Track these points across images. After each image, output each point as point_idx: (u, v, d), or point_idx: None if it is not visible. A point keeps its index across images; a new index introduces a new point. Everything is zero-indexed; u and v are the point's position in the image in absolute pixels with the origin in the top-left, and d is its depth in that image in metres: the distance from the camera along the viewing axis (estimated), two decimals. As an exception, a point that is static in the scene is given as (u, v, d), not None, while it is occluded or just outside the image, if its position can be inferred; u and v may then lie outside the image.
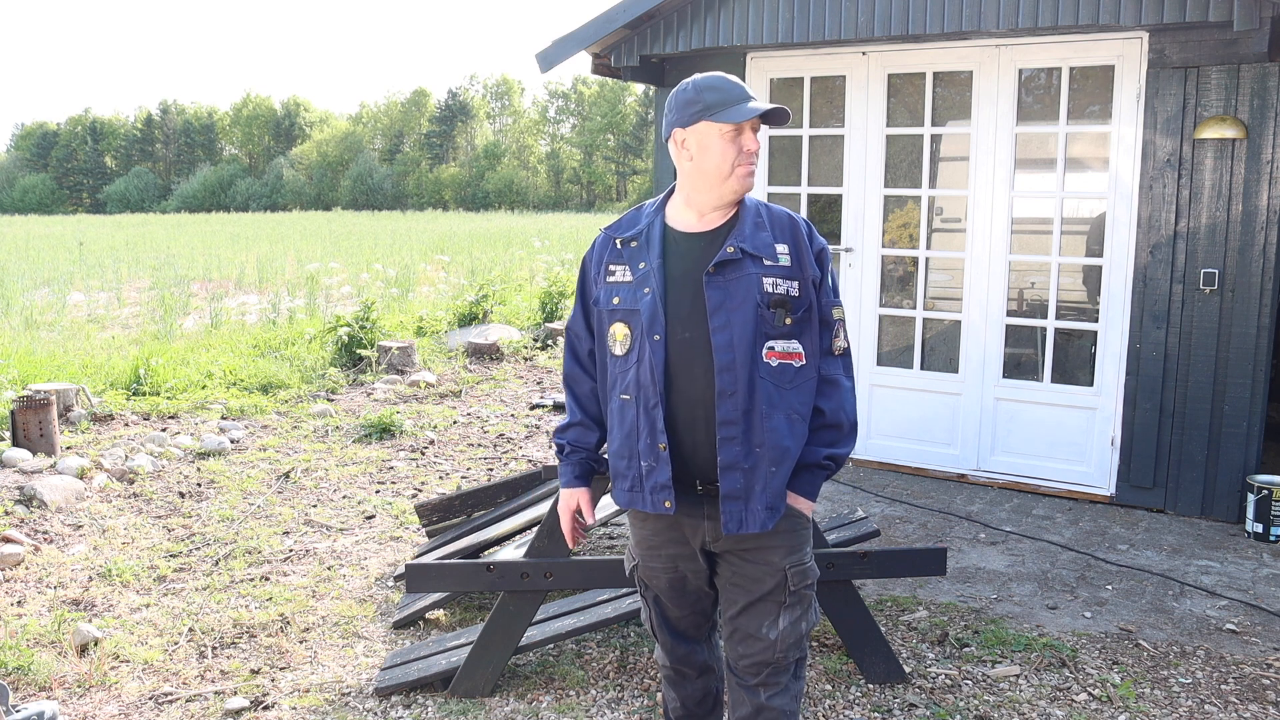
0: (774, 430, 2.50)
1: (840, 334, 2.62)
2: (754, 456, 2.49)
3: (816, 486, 2.61)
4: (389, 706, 3.58)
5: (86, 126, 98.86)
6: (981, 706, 3.54)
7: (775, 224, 2.60)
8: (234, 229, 37.27)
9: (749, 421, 2.49)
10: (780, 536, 2.57)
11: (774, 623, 2.60)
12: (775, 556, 2.58)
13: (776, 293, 2.51)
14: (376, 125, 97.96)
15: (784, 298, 2.52)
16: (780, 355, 2.52)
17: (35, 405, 6.43)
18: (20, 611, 4.37)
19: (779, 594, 2.59)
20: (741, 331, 2.48)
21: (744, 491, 2.49)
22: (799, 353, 2.54)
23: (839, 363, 2.61)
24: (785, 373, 2.53)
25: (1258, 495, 5.16)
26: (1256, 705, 3.56)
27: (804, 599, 2.62)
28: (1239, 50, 5.15)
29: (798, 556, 2.60)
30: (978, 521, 5.49)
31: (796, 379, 2.54)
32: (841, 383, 2.61)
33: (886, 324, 6.43)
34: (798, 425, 2.55)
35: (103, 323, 12.65)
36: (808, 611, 2.64)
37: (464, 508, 5.01)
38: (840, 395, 2.60)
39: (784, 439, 2.52)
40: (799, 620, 2.61)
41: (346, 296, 14.64)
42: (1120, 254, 5.61)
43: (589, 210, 70.04)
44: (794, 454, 2.55)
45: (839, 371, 2.61)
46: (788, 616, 2.60)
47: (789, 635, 2.60)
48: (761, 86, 6.47)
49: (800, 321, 2.54)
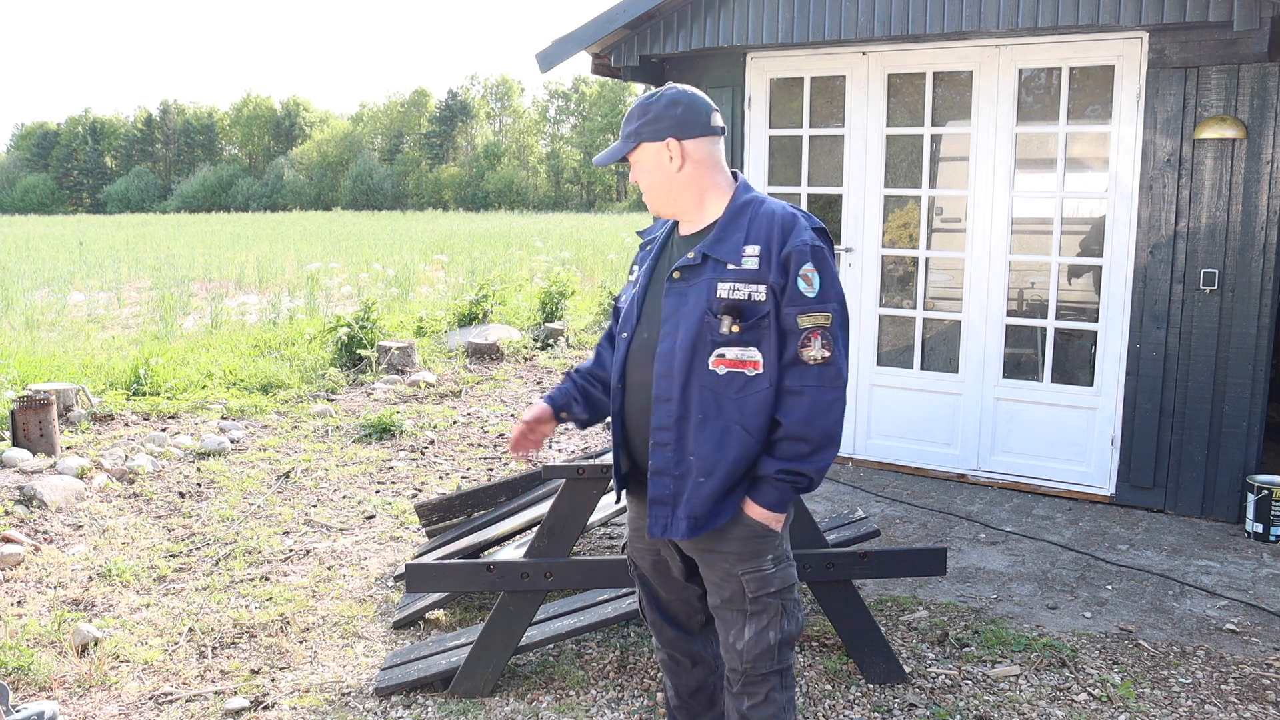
0: (706, 440, 2.47)
1: (812, 343, 2.43)
2: (685, 464, 2.49)
3: (776, 498, 2.49)
4: (389, 706, 3.58)
5: (87, 126, 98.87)
6: (981, 706, 3.54)
7: (757, 223, 2.51)
8: (234, 229, 37.27)
9: (681, 429, 2.49)
10: (736, 543, 2.54)
11: (740, 632, 2.59)
12: (729, 563, 2.56)
13: (731, 298, 2.45)
14: (376, 125, 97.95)
15: (737, 303, 2.44)
16: (731, 363, 2.46)
17: (35, 405, 6.43)
18: (20, 611, 4.37)
19: (740, 601, 2.58)
20: (684, 338, 2.48)
21: (671, 498, 2.52)
22: (755, 361, 2.45)
23: (811, 373, 2.43)
24: (734, 381, 2.46)
25: (1258, 495, 5.16)
26: (1256, 705, 3.56)
27: (769, 608, 2.56)
28: (1239, 50, 5.15)
29: (754, 564, 2.54)
30: (978, 521, 5.49)
31: (748, 388, 2.45)
32: (811, 394, 2.43)
33: (886, 324, 6.43)
34: (736, 436, 2.46)
35: (103, 323, 12.65)
36: (776, 621, 2.57)
37: (464, 508, 5.01)
38: (805, 407, 2.43)
39: (715, 450, 2.46)
40: (765, 630, 2.56)
41: (346, 296, 14.65)
42: (1120, 254, 5.61)
43: (589, 210, 70.07)
44: (728, 466, 2.47)
45: (809, 383, 2.43)
46: (753, 626, 2.57)
47: (755, 645, 2.56)
48: (761, 86, 6.48)
49: (753, 328, 2.44)
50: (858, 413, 6.49)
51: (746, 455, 2.48)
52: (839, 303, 2.48)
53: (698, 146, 2.57)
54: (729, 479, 2.48)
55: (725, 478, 2.48)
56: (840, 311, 2.48)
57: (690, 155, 2.57)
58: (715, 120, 2.62)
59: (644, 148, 2.59)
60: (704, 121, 2.58)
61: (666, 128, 2.56)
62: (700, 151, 2.58)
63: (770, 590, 2.56)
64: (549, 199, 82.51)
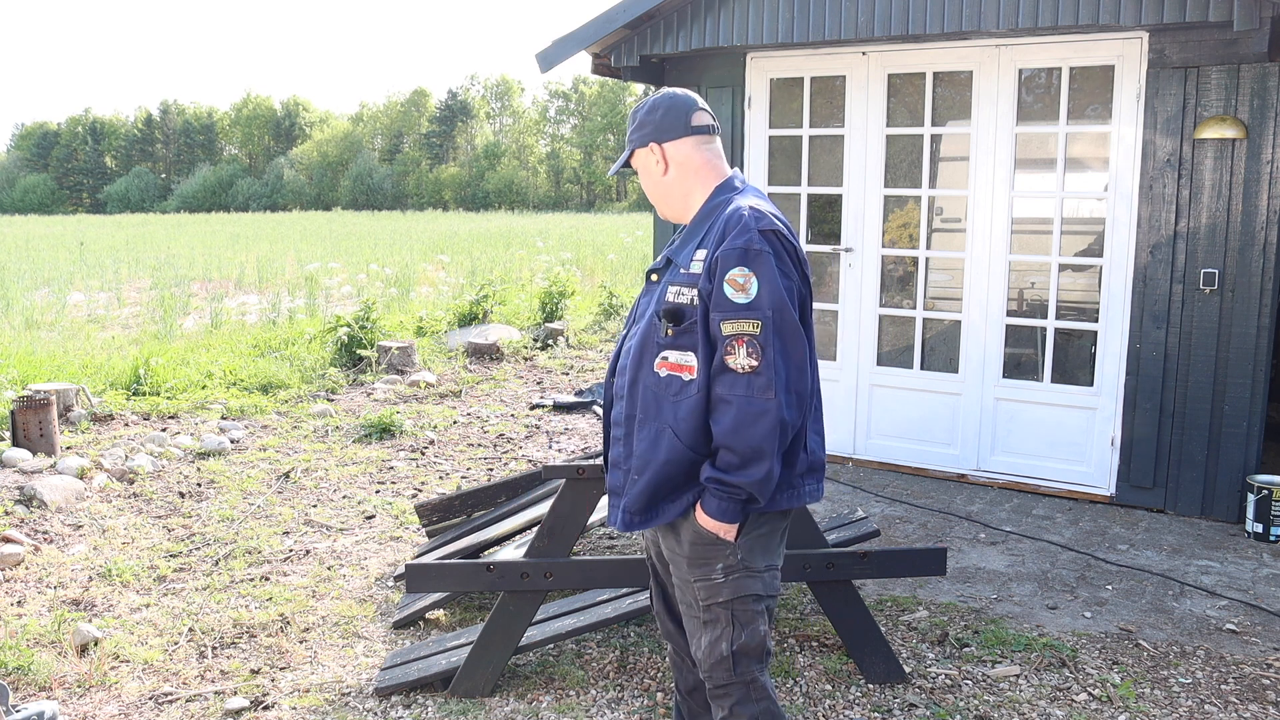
0: (643, 439, 2.52)
1: (736, 350, 2.36)
2: (630, 460, 2.56)
3: (714, 508, 2.44)
4: (389, 706, 3.58)
5: (87, 126, 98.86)
6: (981, 706, 3.54)
7: (713, 228, 2.52)
8: (234, 229, 37.27)
9: (629, 426, 2.56)
10: (687, 547, 2.55)
11: (698, 640, 2.60)
12: (683, 568, 2.58)
13: (675, 301, 2.48)
14: (376, 125, 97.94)
15: (678, 307, 2.47)
16: (671, 366, 2.48)
17: (35, 405, 6.43)
18: (20, 611, 4.37)
19: (695, 609, 2.59)
20: (639, 339, 2.56)
21: (620, 489, 2.60)
22: (690, 365, 2.45)
23: (739, 382, 2.36)
24: (672, 384, 2.48)
25: (1258, 495, 5.16)
26: (1256, 705, 3.56)
27: (720, 618, 2.54)
28: (1239, 50, 5.15)
29: (703, 571, 2.53)
30: (978, 521, 5.49)
31: (683, 393, 2.46)
32: (738, 404, 2.36)
33: (886, 324, 6.43)
34: (666, 439, 2.47)
35: (103, 323, 12.65)
36: (730, 632, 2.52)
37: (464, 508, 5.01)
38: (730, 417, 2.37)
39: (648, 449, 2.50)
40: (718, 640, 2.53)
41: (346, 296, 14.65)
42: (1120, 254, 5.61)
43: (589, 210, 70.08)
44: (658, 468, 2.49)
45: (735, 392, 2.37)
46: (707, 634, 2.56)
47: (709, 654, 2.55)
48: (761, 86, 6.48)
49: (685, 333, 2.46)
50: (858, 413, 6.49)
51: (676, 459, 2.48)
52: (776, 310, 2.37)
53: (678, 149, 2.60)
54: (658, 480, 2.50)
55: (654, 478, 2.51)
56: (777, 319, 2.37)
57: (673, 158, 2.60)
58: (697, 120, 2.61)
59: (637, 155, 2.66)
60: (684, 123, 2.59)
61: (649, 133, 2.61)
62: (682, 153, 2.60)
63: (719, 600, 2.53)
64: (549, 199, 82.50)
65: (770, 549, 2.59)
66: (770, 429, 2.35)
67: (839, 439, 6.55)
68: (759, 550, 2.55)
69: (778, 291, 2.39)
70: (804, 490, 2.57)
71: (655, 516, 2.54)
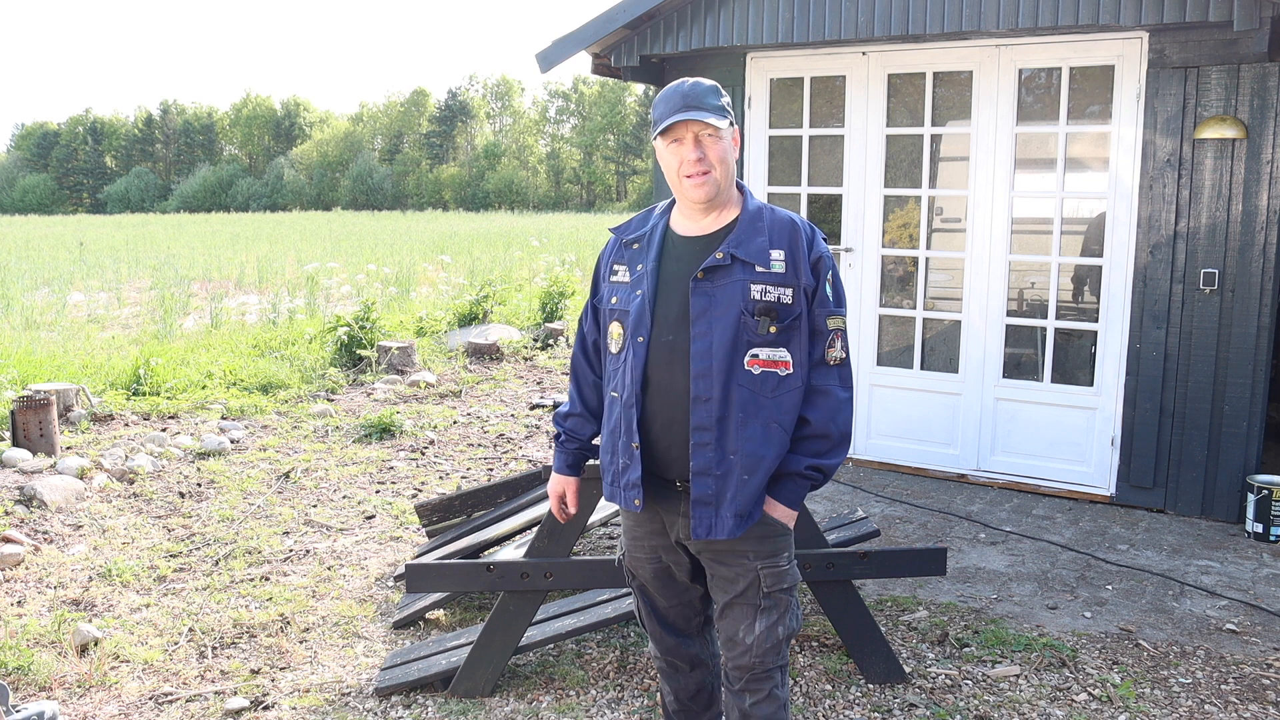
0: (749, 438, 2.49)
1: (836, 344, 2.56)
2: (727, 463, 2.50)
3: (798, 496, 2.57)
4: (389, 706, 3.58)
5: (87, 126, 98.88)
6: (981, 706, 3.54)
7: (775, 228, 2.55)
8: (234, 229, 37.27)
9: (723, 428, 2.50)
10: (753, 541, 2.56)
11: (750, 626, 2.60)
12: (748, 559, 2.59)
13: (764, 300, 2.49)
14: (376, 125, 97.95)
15: (771, 305, 2.49)
16: (764, 363, 2.50)
17: (35, 405, 6.43)
18: (20, 611, 4.37)
19: (753, 596, 2.59)
20: (721, 338, 2.49)
21: (715, 497, 2.52)
22: (786, 361, 2.51)
23: (834, 373, 2.56)
24: (768, 381, 2.51)
25: (1258, 495, 5.16)
26: (1256, 705, 3.56)
27: (780, 603, 2.61)
28: (1239, 50, 5.15)
29: (772, 561, 2.59)
30: (978, 521, 5.49)
31: (781, 388, 2.51)
32: (834, 393, 2.55)
33: (886, 324, 6.43)
34: (775, 434, 2.52)
35: (103, 323, 12.65)
36: (785, 616, 2.62)
37: (464, 508, 5.01)
38: (830, 406, 2.54)
39: (759, 447, 2.50)
40: (775, 625, 2.60)
41: (346, 296, 14.65)
42: (1120, 254, 5.61)
43: (589, 210, 70.06)
44: (770, 462, 2.52)
45: (832, 382, 2.55)
46: (764, 620, 2.59)
47: (765, 640, 2.59)
48: (761, 86, 6.48)
49: (787, 330, 2.50)
50: (858, 413, 6.49)
51: (783, 453, 2.55)
52: (846, 305, 2.64)
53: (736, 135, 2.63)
54: (768, 475, 2.54)
55: (768, 474, 2.53)
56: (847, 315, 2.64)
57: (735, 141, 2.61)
58: None
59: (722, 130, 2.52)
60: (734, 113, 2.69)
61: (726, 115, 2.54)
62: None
63: (784, 586, 2.61)
64: (549, 199, 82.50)
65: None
66: (851, 414, 2.60)
67: (839, 439, 6.54)
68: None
69: (843, 288, 2.64)
70: None
71: (758, 514, 2.56)
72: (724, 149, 2.52)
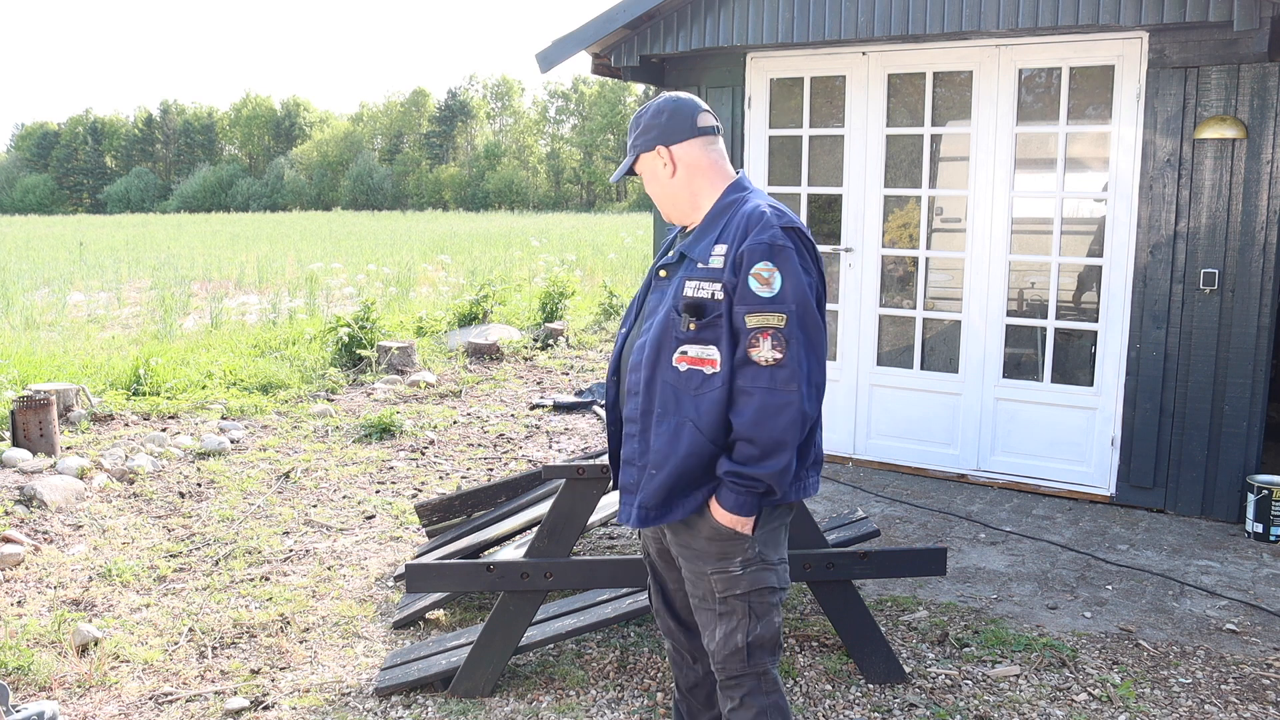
0: (660, 434, 2.52)
1: (760, 343, 2.40)
2: (646, 456, 2.56)
3: (732, 502, 2.46)
4: (389, 706, 3.58)
5: (87, 126, 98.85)
6: (981, 706, 3.54)
7: (731, 224, 2.54)
8: (234, 229, 37.28)
9: (646, 422, 2.56)
10: (703, 542, 2.56)
11: (712, 632, 2.61)
12: (700, 561, 2.59)
13: (695, 296, 2.49)
14: (376, 125, 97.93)
15: (696, 301, 2.48)
16: (692, 360, 2.49)
17: (35, 405, 6.43)
18: (20, 611, 4.37)
19: (710, 601, 2.60)
20: (654, 334, 2.55)
21: (634, 486, 2.60)
22: (713, 359, 2.46)
23: (763, 374, 2.40)
24: (693, 378, 2.49)
25: (1258, 495, 5.16)
26: (1256, 705, 3.56)
27: (736, 610, 2.56)
28: (1239, 50, 5.15)
29: (721, 565, 2.55)
30: (978, 521, 5.49)
31: (705, 386, 2.47)
32: (759, 396, 2.40)
33: (886, 324, 6.43)
34: (686, 433, 2.48)
35: (103, 323, 12.65)
36: (746, 623, 2.55)
37: (464, 508, 5.01)
38: (752, 409, 2.40)
39: (666, 444, 2.51)
40: (734, 632, 2.56)
41: (347, 296, 14.65)
42: (1120, 254, 5.61)
43: (589, 210, 70.09)
44: (678, 461, 2.49)
45: (759, 384, 2.40)
46: (723, 626, 2.58)
47: (724, 646, 2.58)
48: (761, 86, 6.48)
49: (709, 326, 2.47)
50: (858, 413, 6.49)
51: (697, 453, 2.49)
52: (799, 304, 2.42)
53: (686, 150, 2.62)
54: (677, 474, 2.51)
55: (673, 472, 2.51)
56: (800, 313, 2.42)
57: (681, 160, 2.63)
58: (703, 121, 2.64)
59: (642, 159, 2.68)
60: (690, 125, 2.62)
61: (655, 136, 2.63)
62: (690, 155, 2.62)
63: (737, 592, 2.56)
64: (549, 199, 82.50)
65: (782, 542, 2.64)
66: (792, 421, 2.40)
67: (839, 439, 6.55)
68: (772, 543, 2.60)
69: (800, 286, 2.44)
70: (809, 483, 2.63)
71: (670, 512, 2.55)
72: (657, 183, 2.67)
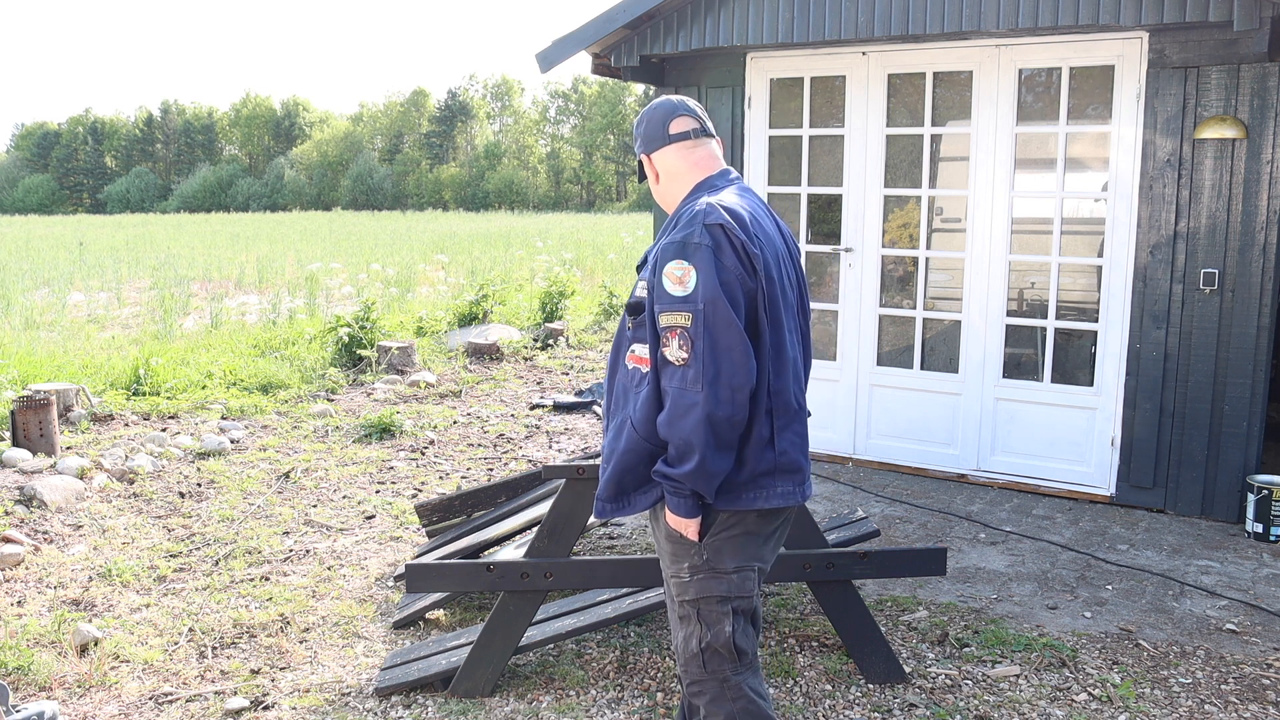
0: (609, 431, 2.60)
1: (670, 342, 2.37)
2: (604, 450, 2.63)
3: (673, 504, 2.45)
4: (389, 706, 3.58)
5: (87, 126, 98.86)
6: (981, 706, 3.54)
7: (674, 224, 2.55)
8: (234, 229, 37.28)
9: (608, 419, 2.65)
10: (665, 542, 2.60)
11: (675, 634, 2.64)
12: (664, 560, 2.63)
13: (638, 296, 2.54)
14: (376, 125, 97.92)
15: (639, 301, 2.53)
16: (635, 359, 2.54)
17: (35, 405, 6.43)
18: (20, 611, 4.37)
19: (672, 602, 2.64)
20: (616, 335, 2.64)
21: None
22: (646, 359, 2.49)
23: (676, 374, 2.36)
24: (634, 377, 2.53)
25: (1258, 495, 5.16)
26: (1256, 705, 3.56)
27: (691, 616, 2.55)
28: (1239, 50, 5.15)
29: (675, 567, 2.57)
30: (978, 521, 5.49)
31: (640, 385, 2.50)
32: (673, 396, 2.37)
33: (886, 324, 6.43)
34: (625, 430, 2.51)
35: (103, 323, 12.65)
36: (698, 629, 2.54)
37: (464, 508, 5.01)
38: (667, 409, 2.39)
39: (610, 440, 2.58)
40: (690, 637, 2.56)
41: (346, 297, 14.65)
42: (1120, 254, 5.61)
43: (589, 210, 70.10)
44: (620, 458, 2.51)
45: (671, 384, 2.38)
46: (682, 630, 2.59)
47: (683, 649, 2.59)
48: (761, 86, 6.48)
49: (642, 326, 2.50)
50: (858, 413, 6.50)
51: (634, 449, 2.49)
52: (708, 302, 2.34)
53: (662, 158, 2.67)
54: (620, 470, 2.52)
55: (616, 468, 2.53)
56: (708, 312, 2.34)
57: (660, 167, 2.68)
58: (675, 128, 2.63)
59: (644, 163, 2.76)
60: (662, 134, 2.65)
61: (640, 145, 2.72)
62: (666, 162, 2.67)
63: (687, 597, 2.56)
64: (549, 199, 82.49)
65: (745, 550, 2.53)
66: (697, 422, 2.33)
67: (839, 439, 6.55)
68: (729, 551, 2.51)
69: (711, 284, 2.36)
70: (775, 491, 2.49)
71: (625, 506, 2.58)
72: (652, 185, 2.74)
